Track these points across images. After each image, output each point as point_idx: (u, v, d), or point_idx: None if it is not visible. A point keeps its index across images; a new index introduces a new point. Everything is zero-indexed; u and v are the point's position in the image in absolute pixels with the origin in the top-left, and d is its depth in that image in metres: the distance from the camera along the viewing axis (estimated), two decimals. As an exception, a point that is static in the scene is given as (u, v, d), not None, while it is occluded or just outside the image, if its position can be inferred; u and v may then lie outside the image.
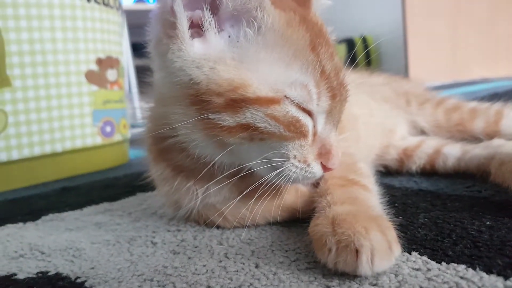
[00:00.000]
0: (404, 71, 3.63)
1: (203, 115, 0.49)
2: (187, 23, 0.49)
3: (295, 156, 0.51)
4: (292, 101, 0.49)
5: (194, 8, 0.49)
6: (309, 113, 0.50)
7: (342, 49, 3.90)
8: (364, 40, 4.02)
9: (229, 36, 0.50)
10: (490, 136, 0.88)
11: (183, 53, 0.49)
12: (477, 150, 0.77)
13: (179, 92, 0.50)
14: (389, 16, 4.01)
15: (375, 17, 4.15)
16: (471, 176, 0.76)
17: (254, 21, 0.49)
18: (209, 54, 0.49)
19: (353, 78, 0.99)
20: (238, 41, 0.49)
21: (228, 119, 0.48)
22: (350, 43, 3.97)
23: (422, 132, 0.98)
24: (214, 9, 0.49)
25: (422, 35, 3.61)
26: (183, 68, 0.49)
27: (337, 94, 0.51)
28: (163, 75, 0.53)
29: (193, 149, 0.55)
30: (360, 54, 3.91)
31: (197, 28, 0.50)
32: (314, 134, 0.52)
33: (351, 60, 0.60)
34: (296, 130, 0.49)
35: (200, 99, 0.49)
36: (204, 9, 0.49)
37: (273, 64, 0.49)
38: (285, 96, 0.48)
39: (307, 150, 0.51)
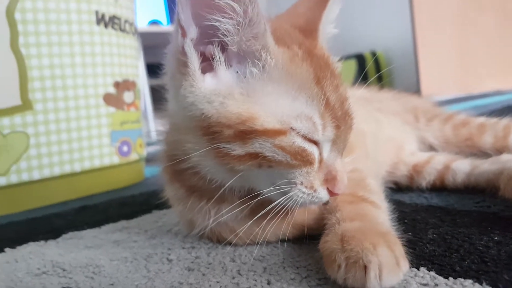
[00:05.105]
0: (415, 85, 3.63)
1: (214, 145, 0.51)
2: (198, 61, 0.51)
3: (301, 182, 0.53)
4: (298, 132, 0.50)
5: (205, 44, 0.51)
6: (315, 142, 0.52)
7: (352, 65, 3.92)
8: (374, 55, 4.04)
9: (237, 72, 0.52)
10: (499, 151, 0.89)
11: (195, 89, 0.51)
12: (486, 165, 0.77)
13: (191, 123, 0.53)
14: (398, 30, 4.02)
15: (384, 32, 4.17)
16: (481, 191, 0.76)
17: (259, 61, 0.51)
18: (219, 90, 0.51)
19: (362, 94, 1.01)
20: (245, 77, 0.52)
21: (238, 149, 0.51)
22: (360, 59, 3.99)
23: (431, 148, 0.98)
24: (224, 46, 0.52)
25: (432, 48, 3.61)
26: (195, 103, 0.51)
27: (341, 124, 0.53)
28: (177, 107, 0.55)
29: (206, 173, 0.57)
30: (371, 69, 3.94)
31: (210, 61, 0.52)
32: (320, 161, 0.53)
33: (362, 76, 0.62)
34: (302, 159, 0.51)
35: (212, 131, 0.51)
36: (214, 47, 0.51)
37: (279, 98, 0.51)
38: (291, 128, 0.50)
39: (314, 176, 0.53)
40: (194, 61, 0.51)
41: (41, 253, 0.73)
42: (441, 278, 0.46)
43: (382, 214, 0.59)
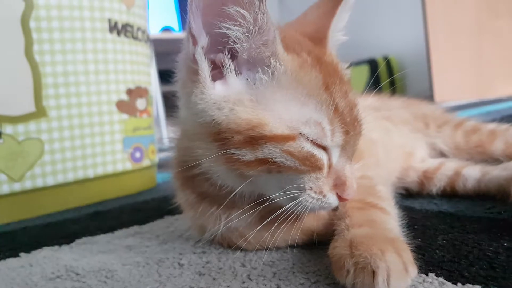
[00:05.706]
0: (428, 90, 3.61)
1: (224, 151, 0.52)
2: (208, 69, 0.52)
3: (311, 187, 0.53)
4: (307, 138, 0.51)
5: (216, 52, 0.53)
6: (324, 148, 0.52)
7: (365, 70, 3.92)
8: (387, 60, 4.02)
9: (247, 79, 0.53)
10: (510, 157, 0.88)
11: (205, 96, 0.52)
12: (496, 172, 0.77)
13: (202, 130, 0.54)
14: (411, 35, 4.01)
15: (397, 37, 4.16)
16: (491, 198, 0.76)
17: (268, 68, 0.52)
18: (229, 96, 0.52)
19: (372, 103, 1.01)
20: (254, 84, 0.52)
21: (247, 154, 0.51)
22: (372, 64, 3.98)
23: (442, 154, 0.98)
24: (234, 54, 0.53)
25: (445, 53, 3.57)
26: (205, 109, 0.52)
27: (350, 130, 0.53)
28: (188, 114, 0.56)
29: (216, 179, 0.58)
30: (383, 74, 3.92)
31: (220, 69, 0.53)
32: (329, 166, 0.54)
33: (374, 81, 0.63)
34: (311, 164, 0.52)
35: (222, 137, 0.52)
36: (225, 55, 0.52)
37: (288, 104, 0.51)
38: (300, 133, 0.51)
39: (323, 181, 0.53)
40: (205, 69, 0.52)
41: (55, 258, 0.74)
42: (449, 283, 0.46)
43: (392, 220, 0.59)
